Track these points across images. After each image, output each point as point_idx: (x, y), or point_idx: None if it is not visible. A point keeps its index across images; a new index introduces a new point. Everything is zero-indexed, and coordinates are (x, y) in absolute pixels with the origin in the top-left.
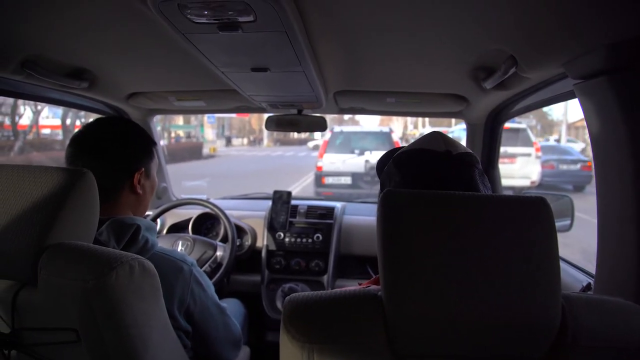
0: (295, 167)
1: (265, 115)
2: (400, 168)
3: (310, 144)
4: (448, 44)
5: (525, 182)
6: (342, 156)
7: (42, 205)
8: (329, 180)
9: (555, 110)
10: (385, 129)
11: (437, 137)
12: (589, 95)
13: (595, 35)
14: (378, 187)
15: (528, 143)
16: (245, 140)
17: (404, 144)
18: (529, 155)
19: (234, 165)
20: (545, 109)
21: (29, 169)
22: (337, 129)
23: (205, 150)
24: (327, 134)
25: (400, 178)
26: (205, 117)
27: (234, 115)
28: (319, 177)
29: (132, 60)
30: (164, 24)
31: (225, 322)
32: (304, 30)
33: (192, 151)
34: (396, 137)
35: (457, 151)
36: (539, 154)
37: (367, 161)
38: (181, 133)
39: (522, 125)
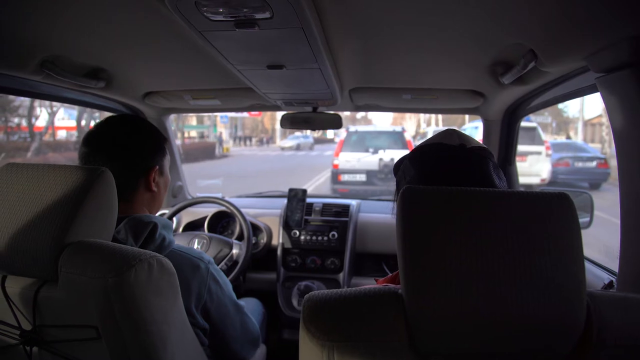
0: (307, 167)
1: (279, 115)
2: (415, 163)
3: (285, 143)
4: (466, 39)
5: (536, 180)
6: (357, 154)
7: (62, 203)
8: (344, 177)
9: (571, 107)
10: (398, 129)
11: (451, 133)
12: (612, 89)
13: (619, 27)
14: (392, 184)
15: (539, 141)
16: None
17: (417, 143)
18: (539, 153)
19: (246, 165)
20: (560, 105)
21: (49, 168)
22: (352, 128)
23: (218, 150)
24: (343, 134)
25: (415, 173)
26: (218, 117)
27: (246, 115)
28: (335, 174)
29: (148, 59)
30: (180, 23)
31: (242, 320)
32: (321, 26)
33: (205, 151)
34: (408, 136)
35: (470, 145)
36: (549, 152)
37: (380, 159)
38: (194, 133)
39: (533, 124)
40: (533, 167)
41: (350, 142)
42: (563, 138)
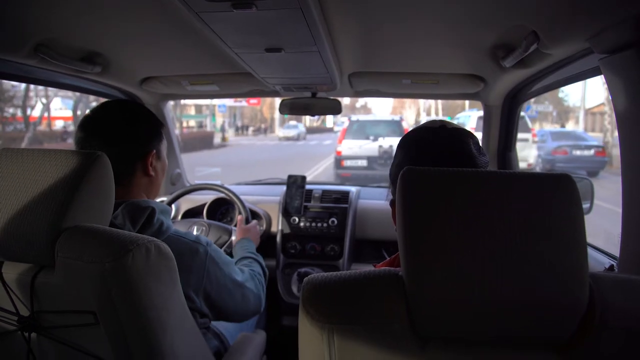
0: (307, 155)
1: (277, 104)
2: (402, 148)
3: (283, 133)
4: (467, 22)
5: (523, 165)
6: (359, 142)
7: (58, 188)
8: (347, 163)
9: (572, 96)
10: (396, 118)
11: (435, 120)
12: (616, 70)
13: (623, 6)
14: (386, 167)
15: (526, 129)
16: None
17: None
18: (526, 140)
19: (245, 155)
20: (560, 94)
21: (44, 152)
22: (353, 117)
23: (217, 140)
24: (345, 122)
25: (402, 157)
26: (217, 106)
27: (245, 104)
28: (339, 160)
29: (145, 44)
30: (177, 4)
31: (243, 294)
32: (320, 7)
33: (203, 140)
34: (406, 124)
35: (451, 126)
36: (535, 138)
37: (380, 146)
38: (193, 123)
39: (521, 114)
40: (521, 153)
41: (352, 131)
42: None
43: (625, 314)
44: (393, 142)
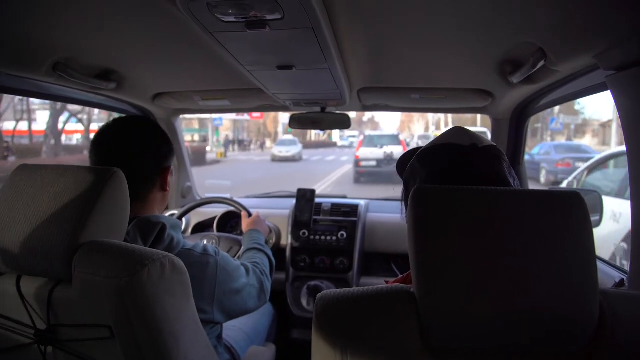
0: (306, 174)
1: (281, 118)
2: (425, 164)
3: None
4: (476, 39)
5: None
6: (370, 149)
7: (76, 204)
8: (362, 163)
9: (588, 109)
10: (395, 133)
11: (460, 132)
12: (623, 87)
13: (630, 24)
14: (391, 168)
15: None
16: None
17: (413, 143)
18: None
19: (238, 172)
20: (577, 107)
21: (62, 169)
22: (367, 132)
23: (212, 155)
24: (360, 136)
25: (426, 174)
26: (212, 119)
27: (247, 117)
28: (357, 161)
29: (159, 61)
30: (192, 24)
31: (249, 293)
32: (331, 27)
33: (194, 156)
34: (402, 137)
35: (482, 144)
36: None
37: (384, 152)
38: (197, 137)
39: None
40: None
41: (365, 142)
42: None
43: (637, 330)
44: (393, 149)
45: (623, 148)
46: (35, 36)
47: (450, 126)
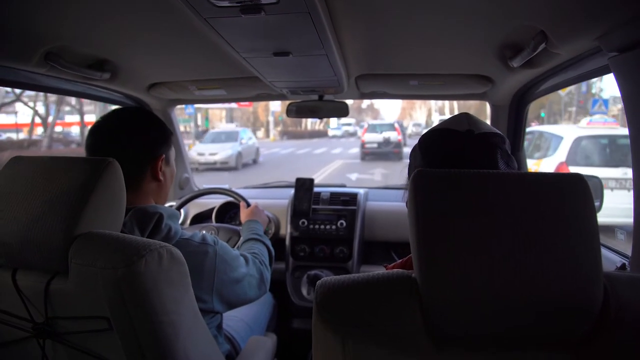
0: (289, 171)
1: (272, 106)
2: (422, 149)
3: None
4: (475, 22)
5: None
6: (373, 135)
7: (70, 195)
8: (367, 145)
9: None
10: (392, 121)
11: (461, 118)
12: (625, 69)
13: (632, 5)
14: (389, 148)
15: None
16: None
17: (408, 130)
18: None
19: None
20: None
21: (56, 160)
22: (370, 122)
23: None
24: (366, 125)
25: (422, 159)
26: (184, 108)
27: (235, 105)
28: (362, 144)
29: (153, 50)
30: (185, 10)
31: (249, 282)
32: (327, 11)
33: None
34: (397, 125)
35: (480, 131)
36: None
37: (384, 137)
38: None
39: None
40: None
41: (369, 129)
42: None
43: None
44: (390, 134)
45: None
46: (25, 25)
47: (456, 113)
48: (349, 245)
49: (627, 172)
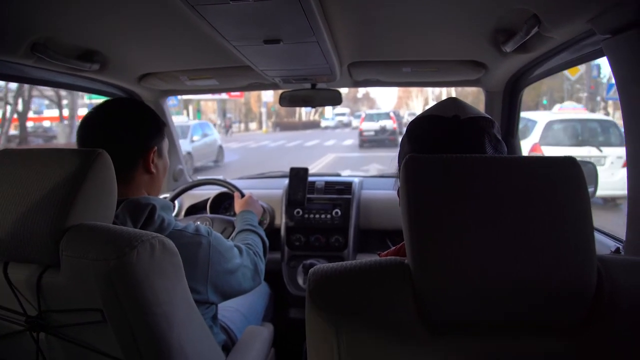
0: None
1: (264, 96)
2: (409, 136)
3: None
4: (466, 6)
5: None
6: (370, 123)
7: (61, 187)
8: (364, 133)
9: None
10: (387, 110)
11: (448, 103)
12: (619, 51)
13: None
14: (385, 136)
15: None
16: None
17: (404, 119)
18: None
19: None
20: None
21: (45, 152)
22: (368, 111)
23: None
24: (364, 114)
25: (409, 145)
26: (201, 102)
27: (225, 96)
28: (361, 132)
29: (142, 40)
30: None
31: (243, 273)
32: None
33: None
34: (392, 114)
35: (466, 116)
36: None
37: (380, 125)
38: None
39: None
40: None
41: (366, 118)
42: None
43: (635, 297)
44: (385, 122)
45: None
46: (10, 15)
47: None
48: (345, 234)
49: (591, 151)
